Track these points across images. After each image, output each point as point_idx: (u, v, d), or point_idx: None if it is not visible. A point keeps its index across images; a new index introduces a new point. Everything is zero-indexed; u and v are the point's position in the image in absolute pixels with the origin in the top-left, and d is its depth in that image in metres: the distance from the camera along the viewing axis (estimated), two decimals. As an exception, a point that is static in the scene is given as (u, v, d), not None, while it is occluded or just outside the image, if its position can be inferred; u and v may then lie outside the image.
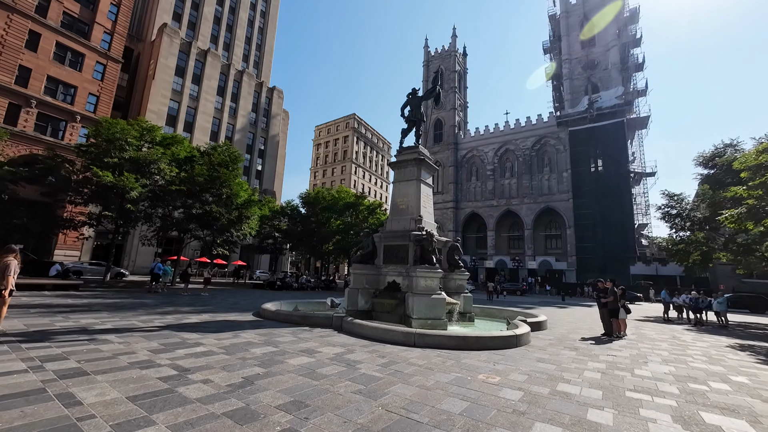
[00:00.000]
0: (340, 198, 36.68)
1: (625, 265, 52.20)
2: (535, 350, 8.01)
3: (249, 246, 43.22)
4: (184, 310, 11.82)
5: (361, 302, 12.00)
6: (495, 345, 7.89)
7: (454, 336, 7.77)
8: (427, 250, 11.50)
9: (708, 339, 12.17)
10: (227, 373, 4.97)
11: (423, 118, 14.63)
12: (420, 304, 10.48)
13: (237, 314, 11.50)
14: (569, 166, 59.97)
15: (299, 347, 6.94)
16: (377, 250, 12.95)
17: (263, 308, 11.35)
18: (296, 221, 38.57)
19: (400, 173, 13.79)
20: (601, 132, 56.68)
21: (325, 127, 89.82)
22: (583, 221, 56.20)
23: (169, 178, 22.07)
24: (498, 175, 69.08)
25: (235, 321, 10.00)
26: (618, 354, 8.19)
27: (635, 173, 57.84)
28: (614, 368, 6.70)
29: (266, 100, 58.91)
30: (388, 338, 8.09)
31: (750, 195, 14.49)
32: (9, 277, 6.45)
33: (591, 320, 16.21)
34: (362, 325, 8.79)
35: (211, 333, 7.90)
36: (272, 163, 58.70)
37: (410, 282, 11.49)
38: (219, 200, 24.70)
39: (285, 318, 10.38)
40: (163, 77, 44.43)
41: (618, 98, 58.68)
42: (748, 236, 23.11)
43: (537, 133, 66.23)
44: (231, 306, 14.03)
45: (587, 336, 10.99)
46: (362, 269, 12.42)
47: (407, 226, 12.75)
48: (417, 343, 7.75)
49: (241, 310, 12.63)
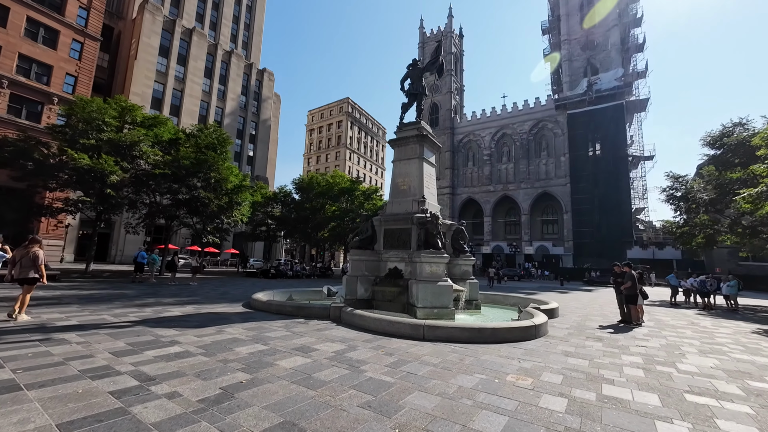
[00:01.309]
0: (335, 183, 35.48)
1: (622, 250, 52.03)
2: (557, 342, 7.19)
3: (242, 234, 42.01)
4: (166, 301, 10.81)
5: (361, 290, 11.10)
6: (513, 337, 7.04)
7: (468, 327, 6.89)
8: (431, 233, 10.55)
9: (727, 324, 11.53)
10: (202, 381, 4.01)
11: (425, 91, 13.47)
12: (425, 291, 9.60)
13: (225, 305, 10.52)
14: (567, 150, 59.13)
15: (293, 344, 6.00)
16: (377, 235, 11.99)
17: (253, 298, 10.39)
18: (290, 208, 37.38)
19: (401, 151, 12.72)
20: (599, 115, 55.67)
21: (318, 111, 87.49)
22: (581, 206, 55.75)
23: (152, 161, 20.69)
24: (495, 160, 68.06)
25: (221, 313, 9.03)
26: (648, 345, 7.40)
27: (633, 157, 57.21)
28: (653, 362, 5.88)
29: (256, 82, 56.67)
30: (394, 331, 7.19)
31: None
32: (41, 266, 7.03)
33: (598, 305, 15.57)
34: (364, 317, 7.87)
35: (192, 328, 6.92)
36: (264, 149, 56.92)
37: (413, 268, 10.58)
38: (207, 185, 23.41)
39: (277, 309, 9.43)
40: (146, 57, 42.15)
41: (618, 80, 57.49)
42: (755, 218, 22.60)
43: (534, 116, 65.03)
44: (220, 296, 13.05)
45: (604, 324, 10.24)
46: (361, 255, 11.48)
47: (409, 209, 11.78)
48: (426, 336, 6.86)
49: (230, 301, 11.66)
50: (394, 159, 12.85)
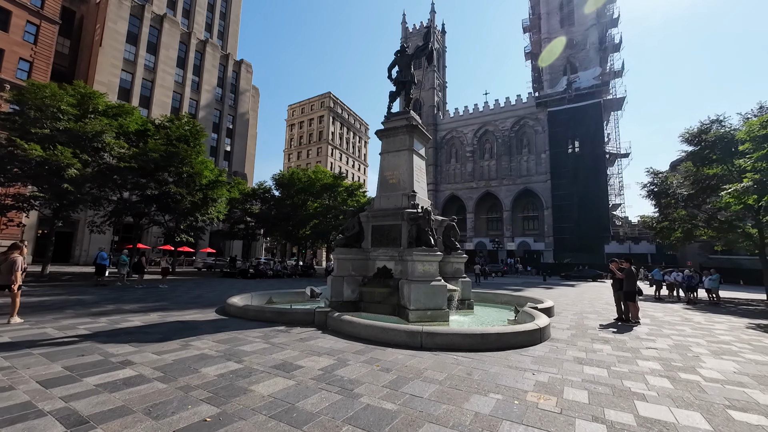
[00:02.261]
0: (317, 179, 34.28)
1: (600, 244, 53.37)
2: (563, 346, 6.63)
3: (219, 232, 40.15)
4: (128, 308, 9.61)
5: (347, 292, 10.29)
6: (518, 342, 6.42)
7: (471, 334, 6.21)
8: (423, 230, 9.84)
9: (719, 319, 11.44)
10: (152, 422, 3.10)
11: (414, 79, 12.72)
12: (418, 292, 8.89)
13: (196, 312, 9.45)
14: (547, 147, 60.00)
15: (272, 360, 5.13)
16: (364, 232, 11.18)
17: (228, 303, 9.36)
18: (270, 204, 35.92)
19: (389, 143, 11.92)
20: (579, 113, 56.67)
21: (299, 106, 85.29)
22: (561, 202, 56.74)
23: (117, 154, 19.01)
24: (477, 157, 68.38)
25: (191, 321, 8.00)
26: (656, 346, 6.97)
27: (610, 154, 58.69)
28: (672, 368, 5.38)
29: (233, 74, 54.34)
30: (388, 339, 6.42)
31: (754, 168, 13.79)
32: (17, 272, 7.01)
33: (587, 301, 15.38)
34: (353, 323, 7.06)
35: (152, 343, 5.91)
36: (242, 143, 54.77)
37: (404, 267, 9.86)
38: (179, 180, 21.88)
39: (255, 315, 8.47)
40: (113, 44, 39.39)
41: (596, 79, 58.69)
42: (731, 213, 23.20)
43: (516, 113, 65.65)
44: (191, 300, 11.90)
45: (603, 322, 9.86)
46: (347, 254, 10.65)
47: (399, 204, 11.02)
48: (425, 344, 6.13)
49: (202, 306, 10.57)
50: (382, 151, 12.05)
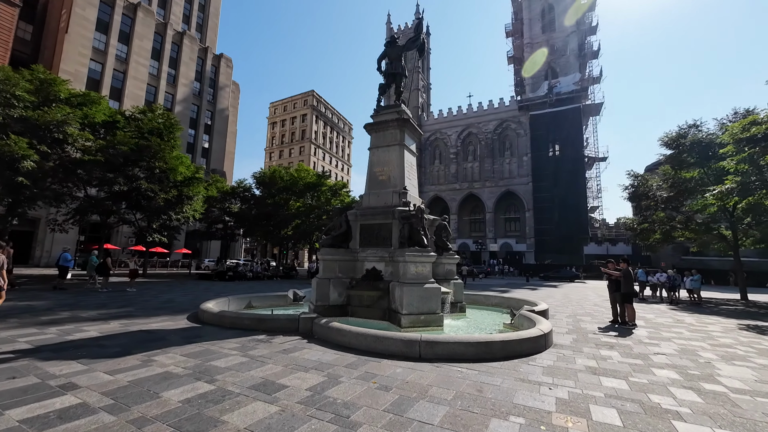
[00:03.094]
0: (300, 178, 33.19)
1: (579, 246, 54.58)
2: (570, 353, 6.17)
3: (195, 232, 38.35)
4: (85, 315, 8.53)
5: (334, 295, 9.58)
6: (524, 350, 5.91)
7: (475, 342, 5.64)
8: (416, 229, 9.27)
9: (709, 320, 11.41)
10: (87, 476, 2.33)
11: (404, 72, 12.14)
12: (411, 295, 8.29)
13: (165, 319, 8.49)
14: (529, 150, 60.98)
15: (251, 378, 4.37)
16: (352, 231, 10.49)
17: (202, 309, 8.45)
18: (250, 204, 34.53)
19: (379, 137, 11.30)
20: (559, 117, 57.86)
21: (281, 104, 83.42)
22: (542, 204, 57.68)
23: (81, 146, 17.50)
24: (461, 159, 68.82)
25: (158, 331, 7.08)
26: (663, 351, 6.63)
27: (588, 158, 60.20)
28: (692, 378, 4.99)
29: (212, 68, 52.37)
30: (382, 349, 5.77)
31: (737, 169, 14.00)
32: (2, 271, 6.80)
33: (575, 302, 15.24)
34: (343, 331, 6.36)
35: (107, 359, 5.02)
36: (221, 141, 52.84)
37: (396, 269, 9.25)
38: (151, 176, 20.47)
39: (232, 322, 7.61)
40: (80, 32, 37.01)
41: (575, 84, 60.16)
42: (707, 216, 23.87)
43: (499, 116, 66.46)
44: (161, 306, 10.84)
45: (600, 325, 9.56)
46: (334, 254, 9.93)
47: (389, 201, 10.41)
48: (424, 354, 5.52)
49: (173, 312, 9.59)
50: (371, 146, 11.40)
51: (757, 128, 13.11)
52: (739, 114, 22.03)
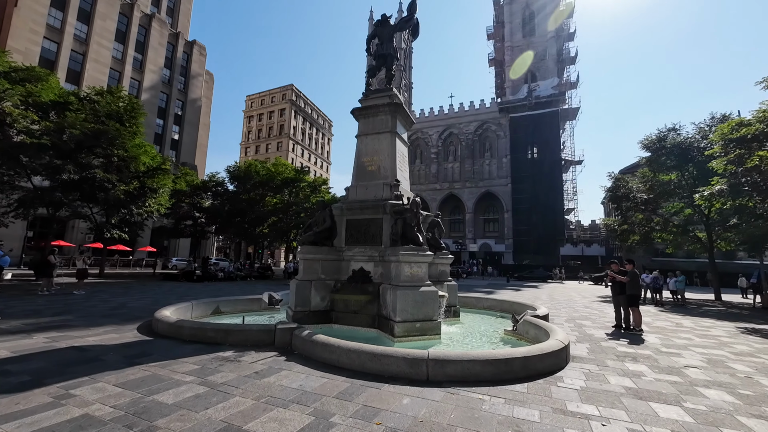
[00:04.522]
0: (277, 172, 31.42)
1: (555, 247, 55.60)
2: (595, 368, 5.33)
3: (162, 229, 35.70)
4: (4, 327, 6.87)
5: (316, 299, 8.42)
6: (546, 366, 5.01)
7: (493, 360, 4.65)
8: (410, 225, 8.24)
9: (704, 322, 11.09)
10: None
11: (396, 54, 11.10)
12: (405, 300, 7.26)
13: (109, 330, 7.00)
14: (509, 152, 61.60)
15: (208, 425, 3.16)
16: (337, 227, 9.34)
17: (157, 318, 7.02)
18: (223, 199, 32.41)
19: (368, 123, 10.19)
20: (538, 120, 58.76)
21: (258, 97, 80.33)
22: (520, 205, 58.34)
23: (22, 127, 15.29)
24: (441, 159, 68.67)
25: (93, 347, 5.64)
26: (692, 363, 5.94)
27: (565, 161, 61.51)
28: (752, 401, 4.23)
29: (184, 55, 49.31)
30: (379, 369, 4.68)
31: (726, 170, 13.95)
32: None
33: (564, 303, 14.74)
34: (330, 347, 5.19)
35: (3, 395, 3.64)
36: (192, 132, 49.86)
37: (387, 269, 8.21)
38: (109, 165, 18.37)
39: (192, 334, 6.26)
40: (33, 6, 33.55)
41: (554, 88, 61.33)
42: (684, 218, 24.38)
43: (480, 118, 66.80)
44: (109, 312, 9.24)
45: (606, 331, 8.90)
46: (316, 253, 8.74)
47: (379, 194, 9.33)
48: (433, 376, 4.48)
49: (122, 320, 8.07)
50: (359, 133, 10.28)
51: (747, 129, 13.05)
52: (716, 118, 22.53)
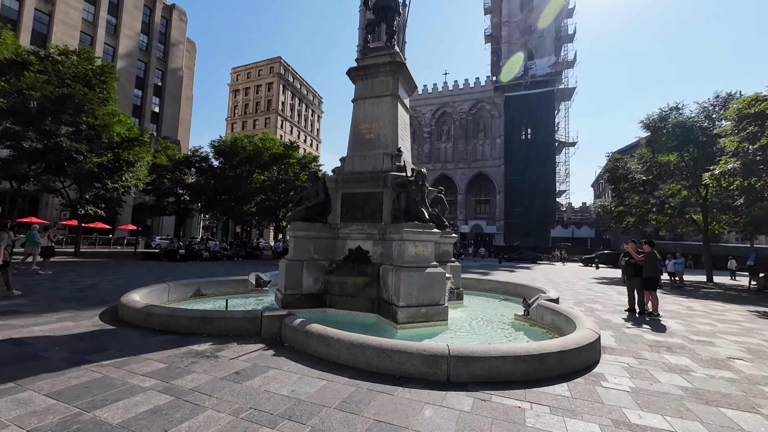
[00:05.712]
0: (265, 148, 29.82)
1: (546, 229, 55.80)
2: (633, 362, 4.65)
3: (143, 206, 34.02)
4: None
5: (308, 281, 7.54)
6: (583, 362, 4.28)
7: (526, 356, 3.86)
8: (414, 200, 7.32)
9: (714, 306, 10.69)
10: None
11: (398, 7, 9.87)
12: (409, 283, 6.42)
13: (66, 317, 6.00)
14: (503, 133, 60.61)
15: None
16: (331, 202, 8.37)
17: (123, 303, 6.03)
18: (207, 175, 30.79)
19: (365, 86, 9.05)
20: (533, 100, 57.59)
21: (244, 70, 76.51)
22: (513, 187, 57.97)
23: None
24: (435, 138, 67.32)
25: (37, 340, 4.67)
26: (732, 354, 5.33)
27: (558, 142, 60.92)
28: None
29: (162, 20, 45.92)
30: (389, 367, 3.86)
31: (739, 148, 13.35)
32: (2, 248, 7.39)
33: (563, 284, 14.26)
34: (329, 340, 4.32)
35: None
36: (174, 105, 47.17)
37: (388, 249, 7.34)
38: (77, 134, 16.75)
39: (162, 322, 5.32)
40: (-13, -43, 30.14)
41: (550, 67, 59.92)
42: (681, 199, 24.10)
43: (474, 96, 65.17)
44: (73, 295, 8.19)
45: (622, 315, 8.33)
46: (308, 230, 7.79)
47: (379, 165, 8.33)
48: (455, 376, 3.68)
49: (85, 305, 7.06)
50: (356, 96, 9.14)
51: (764, 104, 12.36)
52: (721, 98, 21.92)
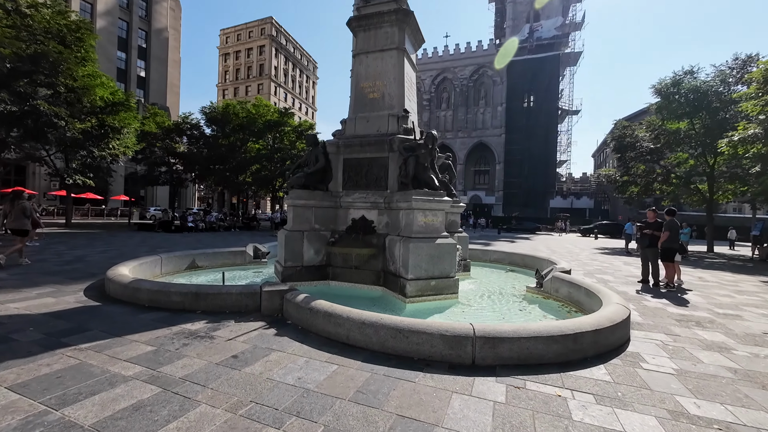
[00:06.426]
0: (259, 114, 28.46)
1: (545, 199, 55.47)
2: (667, 339, 4.30)
3: (134, 176, 32.99)
4: None
5: (309, 253, 7.07)
6: (616, 340, 3.91)
7: (559, 335, 3.45)
8: (423, 165, 6.72)
9: (726, 276, 10.46)
10: None
11: (405, -55, 8.66)
12: (418, 254, 5.96)
13: (48, 292, 5.54)
14: (504, 100, 58.63)
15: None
16: (332, 168, 7.73)
17: (110, 277, 5.54)
18: (199, 144, 29.61)
19: (368, 38, 8.11)
20: (537, 65, 55.19)
21: (234, 31, 72.24)
22: (513, 156, 56.91)
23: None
24: (434, 107, 65.15)
25: (10, 319, 4.19)
26: (760, 323, 5.03)
27: (561, 110, 59.14)
28: None
29: (142, -26, 42.41)
30: (406, 349, 3.44)
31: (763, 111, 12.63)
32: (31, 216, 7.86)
33: (569, 256, 14.01)
34: (337, 318, 3.87)
35: None
36: (161, 69, 44.71)
37: (394, 218, 6.81)
38: (56, 97, 15.60)
39: (152, 298, 4.86)
40: None
41: (557, 29, 57.00)
42: (688, 169, 23.53)
43: (476, 61, 62.34)
44: (59, 268, 7.71)
45: (636, 287, 8.02)
46: (308, 198, 7.20)
47: (384, 127, 7.62)
48: (480, 359, 3.28)
49: (69, 278, 6.58)
50: (357, 51, 8.21)
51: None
52: (740, 60, 20.80)
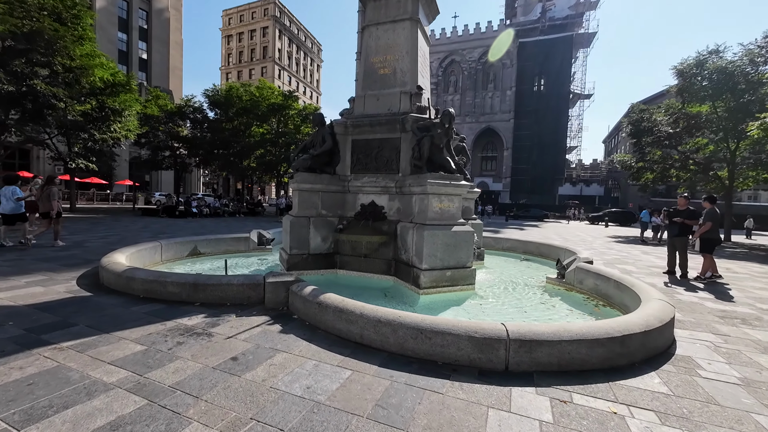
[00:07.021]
0: (263, 97, 27.75)
1: (554, 186, 54.45)
2: (718, 340, 3.86)
3: (137, 160, 32.69)
4: None
5: (316, 240, 6.65)
6: (664, 342, 3.47)
7: (604, 338, 3.00)
8: (438, 146, 6.18)
9: (753, 268, 9.90)
10: None
11: None
12: (433, 243, 5.51)
13: (38, 280, 5.20)
14: (514, 84, 56.90)
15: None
16: (340, 149, 7.23)
17: (104, 264, 5.18)
18: (203, 127, 29.07)
19: (378, 8, 7.45)
20: (549, 47, 53.22)
21: (236, 12, 70.46)
22: (521, 142, 55.62)
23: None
24: (441, 90, 63.50)
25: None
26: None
27: (573, 94, 57.34)
28: None
29: (141, -50, 41.05)
30: (428, 351, 3.03)
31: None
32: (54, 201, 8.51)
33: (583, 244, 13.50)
34: (349, 314, 3.46)
35: None
36: (163, 51, 43.82)
37: (407, 204, 6.35)
38: (54, 77, 15.10)
39: (147, 288, 4.49)
40: None
41: (571, 9, 54.69)
42: (708, 155, 22.60)
43: (486, 43, 60.26)
44: (54, 254, 7.40)
45: (663, 279, 7.54)
46: (315, 182, 6.74)
47: (395, 106, 7.05)
48: (514, 364, 2.86)
49: (64, 266, 6.26)
50: (367, 22, 7.58)
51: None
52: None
